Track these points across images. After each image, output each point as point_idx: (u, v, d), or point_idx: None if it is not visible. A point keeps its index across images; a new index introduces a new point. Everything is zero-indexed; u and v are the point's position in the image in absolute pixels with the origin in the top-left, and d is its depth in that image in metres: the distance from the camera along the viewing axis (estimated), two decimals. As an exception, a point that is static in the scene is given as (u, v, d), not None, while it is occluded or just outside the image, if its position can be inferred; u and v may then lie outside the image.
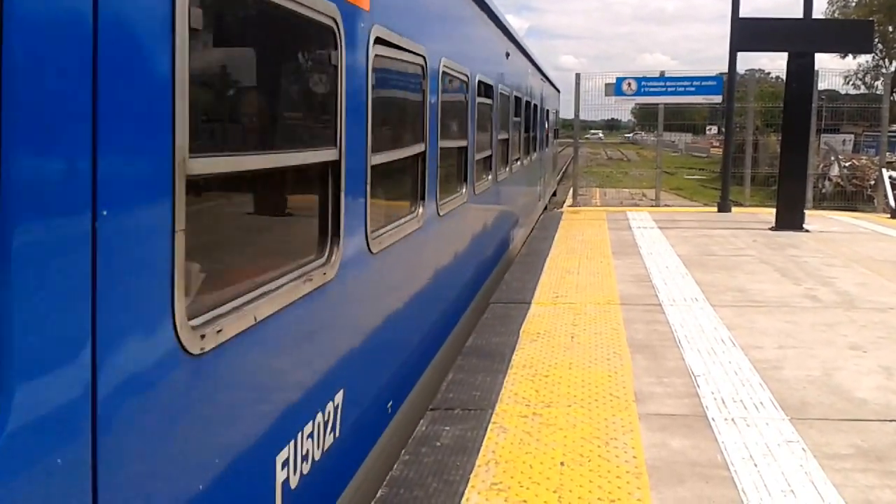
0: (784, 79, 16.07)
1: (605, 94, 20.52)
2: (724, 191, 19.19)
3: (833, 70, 31.74)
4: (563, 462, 4.57)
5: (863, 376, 6.19)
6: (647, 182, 26.49)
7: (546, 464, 4.55)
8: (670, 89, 20.01)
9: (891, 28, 53.24)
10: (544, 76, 20.15)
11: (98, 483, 2.01)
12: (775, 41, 15.33)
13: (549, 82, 22.10)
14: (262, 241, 3.47)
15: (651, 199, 22.79)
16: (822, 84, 21.32)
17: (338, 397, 3.87)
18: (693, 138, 55.57)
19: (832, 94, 26.17)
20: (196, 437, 2.57)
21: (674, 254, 11.93)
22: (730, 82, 19.11)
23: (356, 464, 4.26)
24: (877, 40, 48.10)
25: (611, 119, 54.22)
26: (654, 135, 27.27)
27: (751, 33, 15.88)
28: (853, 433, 5.04)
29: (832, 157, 27.31)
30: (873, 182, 23.51)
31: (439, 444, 4.82)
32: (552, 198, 25.22)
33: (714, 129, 41.77)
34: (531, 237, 14.51)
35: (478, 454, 4.66)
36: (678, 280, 9.88)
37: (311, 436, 3.50)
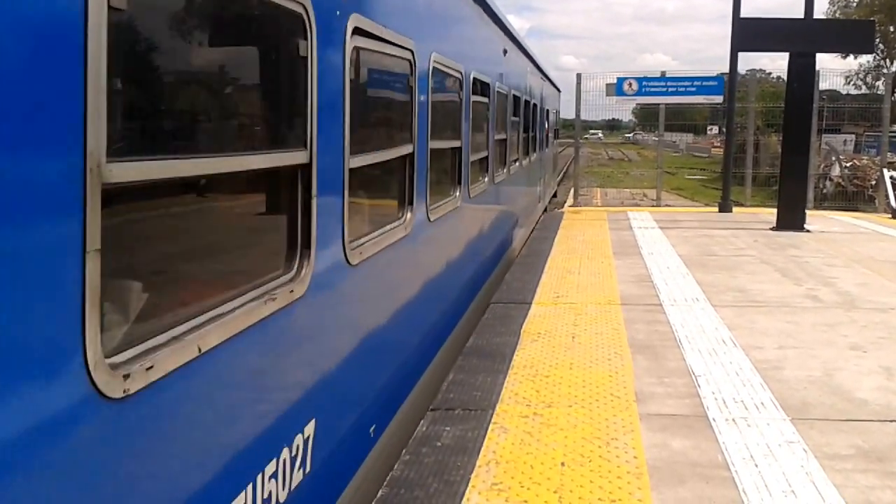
0: (785, 79, 16.11)
1: (607, 95, 20.56)
2: (724, 191, 19.20)
3: (834, 70, 31.92)
4: (563, 462, 4.57)
5: (863, 377, 6.19)
6: (647, 182, 26.51)
7: (547, 464, 4.55)
8: (671, 89, 20.03)
9: (892, 28, 53.21)
10: (544, 75, 19.91)
11: None
12: (776, 41, 15.34)
13: (549, 81, 21.89)
14: (210, 258, 3.04)
15: (652, 200, 22.82)
16: (823, 84, 21.36)
17: (308, 428, 3.48)
18: (694, 138, 55.69)
19: (833, 95, 26.21)
20: (121, 502, 2.17)
21: (675, 254, 11.93)
22: (731, 82, 19.12)
23: (331, 501, 3.90)
24: (878, 40, 48.10)
25: (612, 119, 54.33)
26: (654, 135, 27.27)
27: (752, 33, 15.88)
28: (854, 434, 5.04)
29: (833, 158, 27.31)
30: (874, 182, 23.53)
31: (440, 444, 4.82)
32: (552, 199, 25.17)
33: (715, 129, 41.76)
34: (532, 237, 14.50)
35: (478, 454, 4.66)
36: (679, 280, 9.88)
37: (274, 476, 3.11)
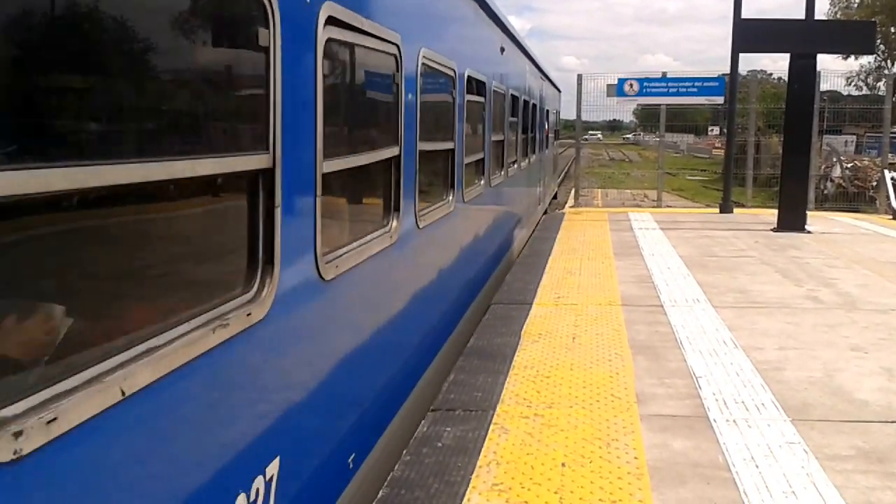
0: (786, 80, 16.09)
1: (608, 95, 20.56)
2: (725, 192, 19.19)
3: (835, 71, 31.93)
4: (564, 463, 4.57)
5: (864, 378, 6.19)
6: (648, 183, 26.48)
7: (547, 465, 4.55)
8: (672, 90, 20.04)
9: (893, 29, 53.22)
10: (544, 75, 19.72)
11: None
12: (777, 42, 15.34)
13: (549, 81, 21.77)
14: (144, 281, 2.52)
15: (653, 200, 22.80)
16: (824, 85, 21.35)
17: (271, 468, 3.08)
18: (695, 139, 55.72)
19: (834, 96, 26.19)
20: None
21: (675, 255, 11.93)
22: (732, 83, 19.12)
23: None
24: (879, 41, 48.16)
25: (613, 120, 54.27)
26: (655, 136, 27.28)
27: (753, 34, 15.87)
28: (854, 434, 5.04)
29: (834, 159, 27.35)
30: (875, 183, 23.54)
31: (440, 444, 4.82)
32: (553, 200, 25.14)
33: (716, 130, 41.87)
34: (532, 238, 14.50)
35: (479, 455, 4.66)
36: (680, 281, 9.88)
37: None
